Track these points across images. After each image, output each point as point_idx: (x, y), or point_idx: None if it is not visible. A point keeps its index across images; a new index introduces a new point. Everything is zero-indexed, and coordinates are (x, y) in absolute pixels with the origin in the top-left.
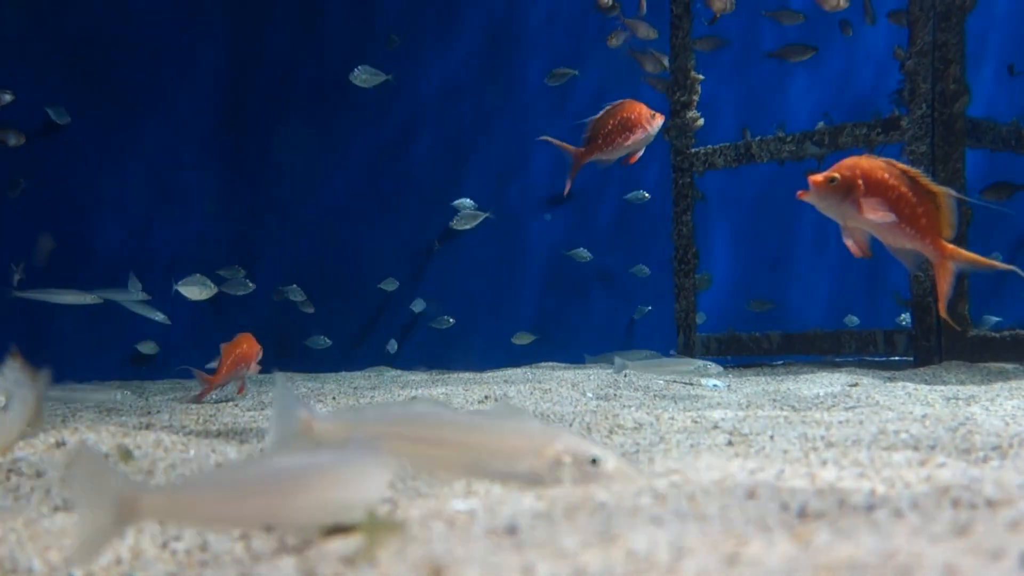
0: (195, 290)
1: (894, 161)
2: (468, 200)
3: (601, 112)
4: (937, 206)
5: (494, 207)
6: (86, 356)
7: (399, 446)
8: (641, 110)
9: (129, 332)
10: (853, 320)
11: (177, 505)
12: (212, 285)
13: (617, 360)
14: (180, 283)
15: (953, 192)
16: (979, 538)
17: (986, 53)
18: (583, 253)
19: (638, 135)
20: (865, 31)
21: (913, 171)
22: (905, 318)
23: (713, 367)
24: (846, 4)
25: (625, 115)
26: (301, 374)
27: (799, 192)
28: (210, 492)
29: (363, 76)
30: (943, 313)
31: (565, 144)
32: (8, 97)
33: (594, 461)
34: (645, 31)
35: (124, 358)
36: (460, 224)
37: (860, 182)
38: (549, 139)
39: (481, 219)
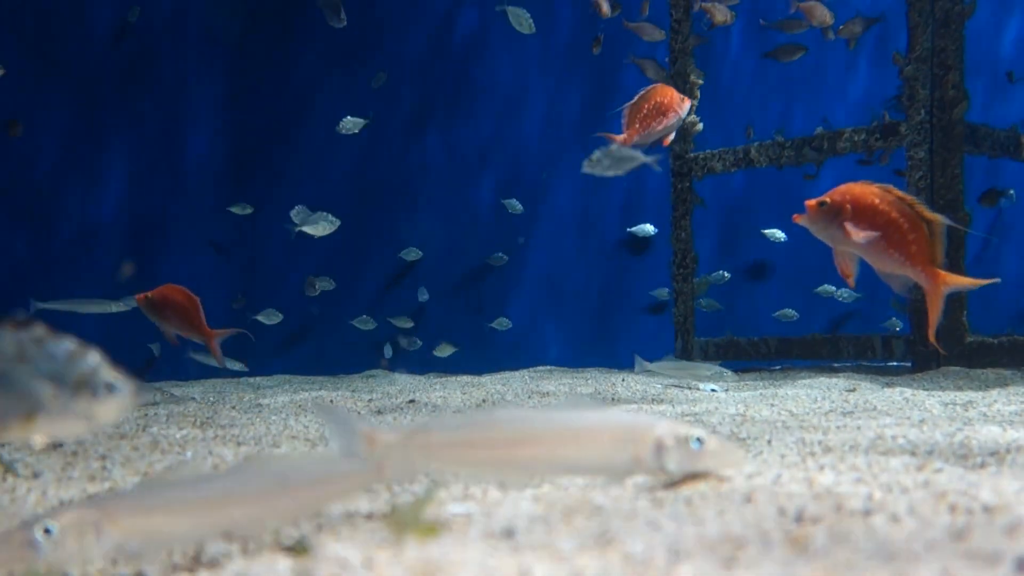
0: (321, 227)
1: (891, 187)
2: (515, 201)
3: (635, 98)
4: (931, 233)
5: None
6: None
7: (475, 453)
8: (672, 94)
9: (127, 333)
10: (847, 293)
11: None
12: (335, 220)
13: (637, 362)
14: (304, 224)
15: (947, 220)
16: (976, 543)
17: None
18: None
19: (671, 118)
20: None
21: (910, 198)
22: (896, 323)
23: (729, 373)
24: (831, 20)
25: (658, 99)
26: (299, 376)
27: (795, 216)
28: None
29: (348, 125)
30: (932, 339)
31: (610, 135)
32: None
33: (698, 440)
34: (650, 33)
35: (127, 360)
36: (311, 229)
37: (848, 206)
38: (602, 134)
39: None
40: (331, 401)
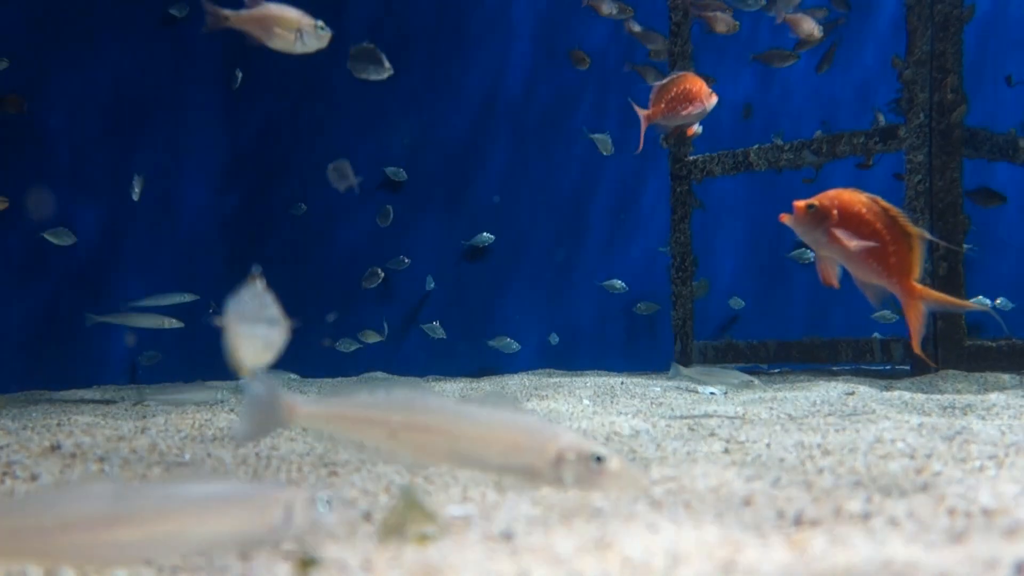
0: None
1: (878, 198)
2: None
3: (666, 80)
4: (911, 247)
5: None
6: (85, 359)
7: (384, 432)
8: (702, 86)
9: (122, 333)
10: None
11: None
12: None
13: (672, 366)
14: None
15: (928, 235)
16: (975, 546)
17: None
18: (617, 284)
19: (695, 108)
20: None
21: (894, 210)
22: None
23: (758, 384)
24: (819, 34)
25: (687, 86)
26: (299, 378)
27: (782, 215)
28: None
29: (337, 175)
30: (917, 350)
31: (637, 106)
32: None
33: (598, 459)
34: (653, 41)
35: (124, 362)
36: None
37: (835, 212)
38: (630, 100)
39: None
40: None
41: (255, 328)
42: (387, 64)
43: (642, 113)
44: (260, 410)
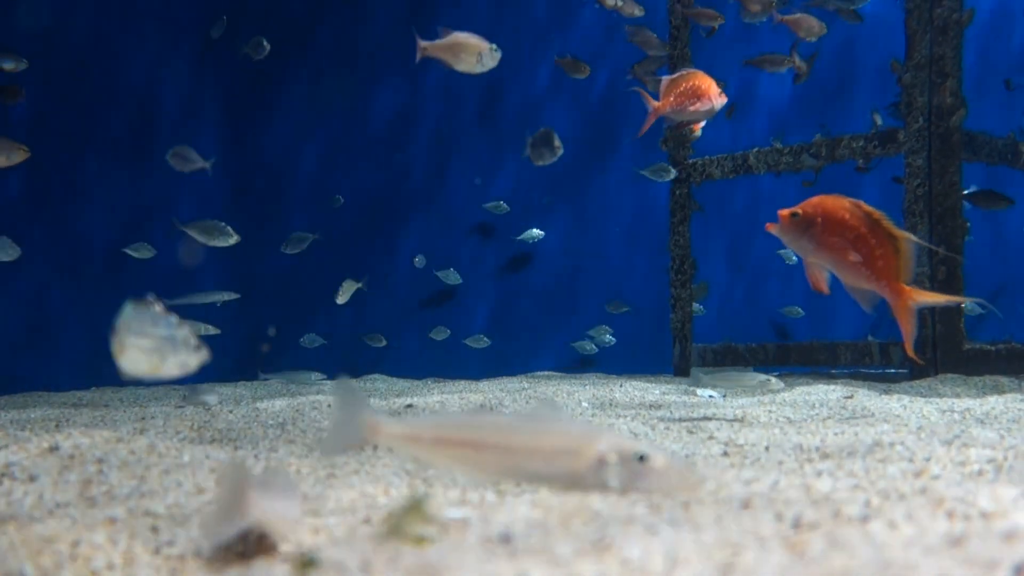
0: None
1: (861, 203)
2: (536, 231)
3: (676, 75)
4: (897, 250)
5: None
6: (82, 360)
7: (454, 452)
8: (712, 84)
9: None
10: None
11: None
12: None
13: (693, 371)
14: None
15: (914, 238)
16: (973, 550)
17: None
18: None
19: (703, 105)
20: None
21: (877, 213)
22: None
23: (776, 382)
24: (821, 30)
25: (697, 83)
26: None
27: (768, 224)
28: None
29: (180, 160)
30: (910, 352)
31: (647, 96)
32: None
33: (641, 458)
34: (654, 45)
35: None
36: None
37: (819, 219)
38: (639, 89)
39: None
40: (328, 406)
41: (140, 340)
42: (558, 143)
43: (652, 104)
44: (346, 425)
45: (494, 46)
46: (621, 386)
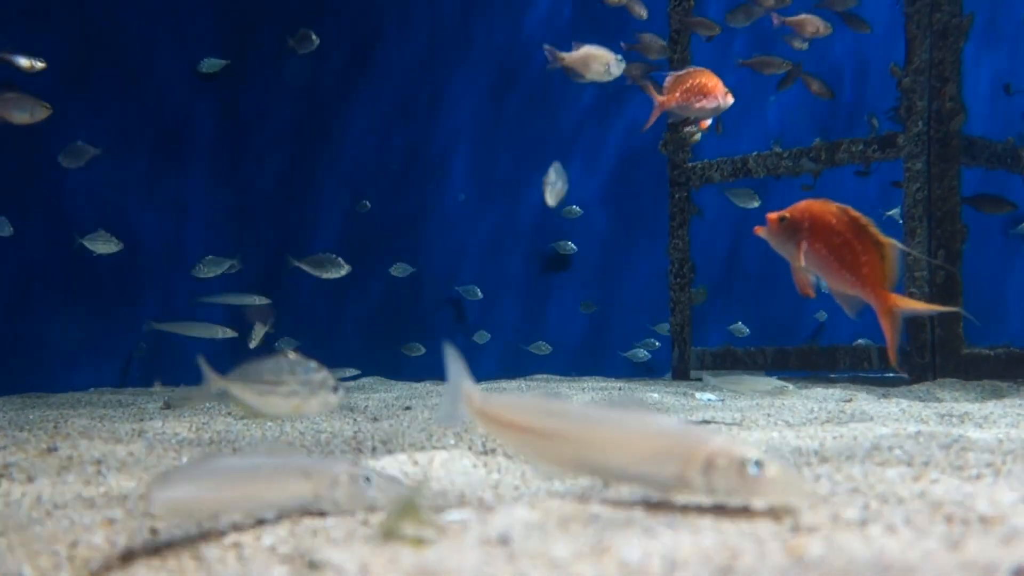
0: (100, 244)
1: (848, 208)
2: (576, 207)
3: (682, 71)
4: (883, 257)
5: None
6: (80, 361)
7: (532, 441)
8: (718, 83)
9: (121, 338)
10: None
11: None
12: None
13: (705, 377)
14: (86, 238)
15: (899, 244)
16: (972, 553)
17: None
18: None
19: (709, 103)
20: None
21: (864, 219)
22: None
23: (793, 389)
24: (827, 30)
25: (703, 80)
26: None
27: (756, 227)
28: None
29: (71, 158)
30: (893, 358)
31: (652, 90)
32: (40, 64)
33: (757, 464)
34: (656, 49)
35: (116, 365)
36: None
37: (806, 224)
38: (645, 83)
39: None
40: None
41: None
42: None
43: (657, 99)
44: (453, 397)
45: (620, 56)
46: (619, 389)
